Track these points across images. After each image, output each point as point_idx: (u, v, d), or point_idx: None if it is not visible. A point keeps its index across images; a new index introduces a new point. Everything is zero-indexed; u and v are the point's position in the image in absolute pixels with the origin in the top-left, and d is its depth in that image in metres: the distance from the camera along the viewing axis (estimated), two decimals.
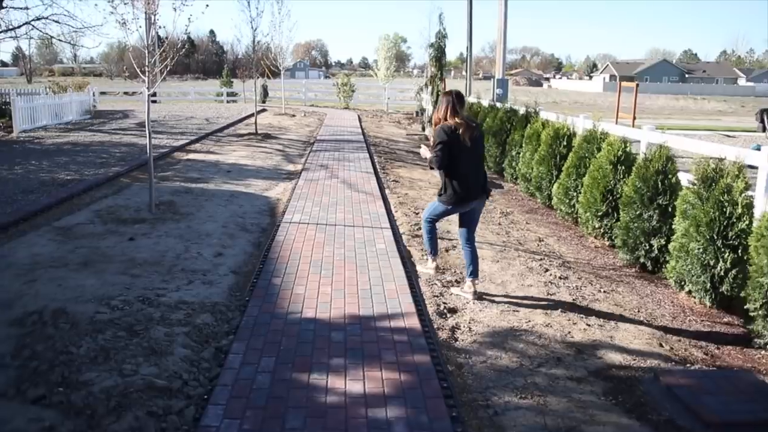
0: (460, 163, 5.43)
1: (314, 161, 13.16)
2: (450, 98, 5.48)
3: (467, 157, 5.43)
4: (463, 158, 5.41)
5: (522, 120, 12.49)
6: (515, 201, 10.95)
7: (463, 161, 5.43)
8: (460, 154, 5.38)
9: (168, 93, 43.83)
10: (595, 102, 59.78)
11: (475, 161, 5.59)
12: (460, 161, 5.41)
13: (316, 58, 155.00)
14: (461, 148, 5.37)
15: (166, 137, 16.57)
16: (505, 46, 19.93)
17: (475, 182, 5.59)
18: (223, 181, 10.71)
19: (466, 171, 5.48)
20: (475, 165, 5.59)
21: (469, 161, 5.48)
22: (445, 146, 5.35)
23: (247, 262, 6.37)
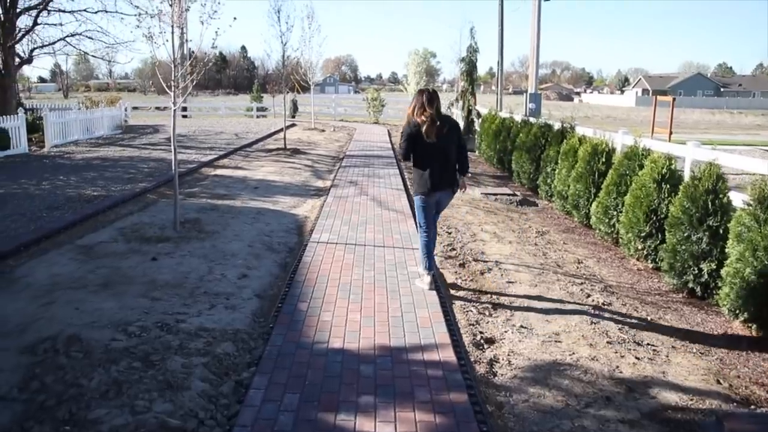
0: (424, 157, 5.88)
1: (343, 177, 12.91)
2: (420, 97, 5.90)
3: (431, 151, 5.84)
4: (427, 152, 5.85)
5: (557, 135, 12.10)
6: (551, 220, 10.53)
7: (426, 155, 5.87)
8: (424, 148, 5.84)
9: (199, 108, 44.17)
10: (628, 116, 58.87)
11: (440, 155, 5.91)
12: (424, 155, 5.88)
13: (346, 73, 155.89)
14: (425, 143, 5.81)
15: (194, 152, 16.50)
16: (538, 61, 19.57)
17: (439, 175, 5.91)
18: (250, 197, 10.49)
19: (429, 164, 5.88)
20: (440, 159, 5.91)
21: (433, 155, 5.86)
22: (409, 139, 5.87)
23: (273, 285, 6.08)
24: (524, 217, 10.53)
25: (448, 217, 9.60)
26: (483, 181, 14.47)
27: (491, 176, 15.48)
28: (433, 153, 5.85)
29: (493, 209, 10.79)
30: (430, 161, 5.87)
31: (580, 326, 5.36)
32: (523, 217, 10.48)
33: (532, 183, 13.12)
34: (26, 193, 10.21)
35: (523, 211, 11.11)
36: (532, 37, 19.30)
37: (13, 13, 18.16)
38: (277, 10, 16.33)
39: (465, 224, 9.18)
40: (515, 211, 10.92)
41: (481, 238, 8.42)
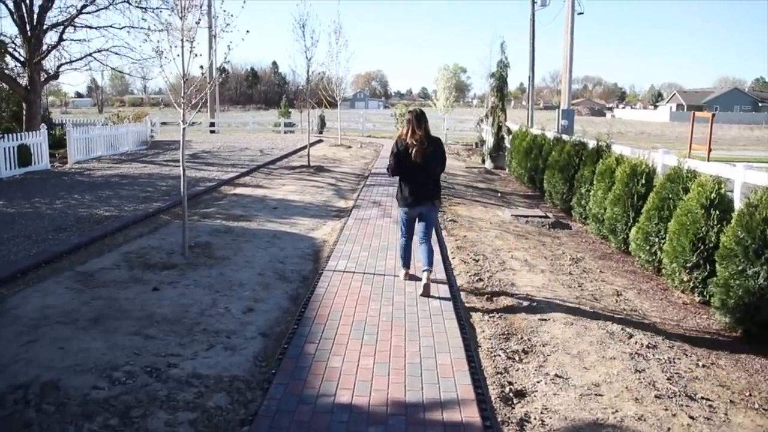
0: (409, 174, 6.47)
1: (367, 197, 12.38)
2: (411, 119, 6.44)
3: (415, 170, 6.39)
4: (412, 170, 6.41)
5: (592, 154, 11.43)
6: (585, 244, 9.86)
7: (411, 173, 6.45)
8: (409, 166, 6.38)
9: (228, 123, 44.22)
10: (663, 132, 57.54)
11: (422, 174, 6.45)
12: (408, 172, 6.46)
13: (376, 89, 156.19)
14: (411, 162, 6.35)
15: (216, 169, 16.15)
16: (571, 76, 18.91)
17: (420, 191, 6.49)
18: (267, 219, 10.01)
19: (413, 181, 6.48)
20: (422, 176, 6.47)
21: (417, 173, 6.43)
22: (396, 158, 6.45)
23: (280, 321, 5.54)
24: (557, 241, 9.88)
25: (476, 242, 8.99)
26: (513, 201, 13.82)
27: (522, 196, 14.83)
28: (417, 171, 6.41)
29: (524, 233, 10.16)
30: (414, 179, 6.47)
31: (624, 375, 4.71)
32: (556, 242, 9.83)
33: (564, 204, 12.46)
34: (36, 213, 9.87)
35: (556, 234, 10.45)
36: (565, 51, 18.65)
37: (39, 29, 18.11)
38: (302, 25, 15.99)
39: (494, 250, 8.56)
40: (547, 235, 10.27)
41: (510, 266, 7.80)
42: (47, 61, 20.32)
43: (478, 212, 11.73)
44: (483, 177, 17.89)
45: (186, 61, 7.06)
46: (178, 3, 6.83)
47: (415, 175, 6.45)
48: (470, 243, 8.85)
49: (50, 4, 17.87)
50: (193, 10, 6.96)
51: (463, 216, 11.07)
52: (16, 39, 18.71)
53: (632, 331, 5.70)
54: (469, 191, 14.39)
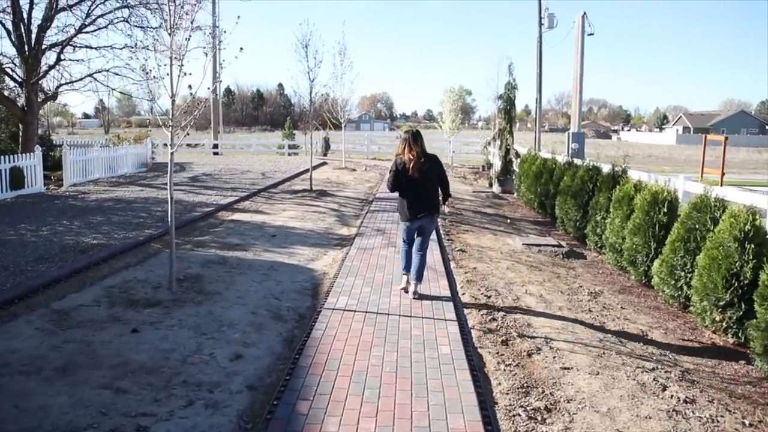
0: (407, 189, 6.90)
1: (370, 224, 11.80)
2: (407, 138, 6.91)
3: (413, 185, 6.86)
4: (410, 185, 6.87)
5: (608, 180, 10.86)
6: (602, 276, 9.26)
7: (410, 188, 6.89)
8: (408, 182, 6.84)
9: (232, 145, 43.89)
10: (670, 155, 57.02)
11: (420, 188, 6.90)
12: (407, 188, 6.89)
13: (382, 111, 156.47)
14: (409, 178, 6.82)
15: (215, 193, 15.61)
16: (581, 99, 18.40)
17: (419, 204, 6.93)
18: (264, 248, 9.43)
19: (411, 195, 6.91)
20: (420, 191, 6.91)
21: (415, 188, 6.88)
22: (395, 175, 6.90)
23: (272, 370, 4.93)
24: (572, 273, 9.28)
25: (487, 274, 8.40)
26: (523, 228, 13.23)
27: (532, 222, 14.24)
28: (415, 186, 6.86)
29: (537, 263, 9.56)
30: (412, 193, 6.89)
31: None
32: (571, 273, 9.24)
33: (578, 232, 11.88)
34: (20, 241, 9.30)
35: (571, 265, 9.85)
36: (575, 73, 18.17)
37: (38, 49, 17.72)
38: (305, 45, 15.53)
39: (506, 284, 7.96)
40: (562, 266, 9.67)
41: (525, 303, 7.19)
42: (48, 82, 19.97)
43: (488, 241, 11.14)
44: (491, 202, 17.32)
45: (175, 81, 6.54)
46: (167, 18, 6.32)
47: (414, 190, 6.88)
48: (481, 276, 8.25)
49: (49, 24, 17.50)
50: (183, 26, 6.43)
51: (472, 245, 10.48)
52: (15, 59, 18.34)
53: (666, 382, 5.09)
54: (477, 217, 13.80)
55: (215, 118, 36.33)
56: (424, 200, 6.92)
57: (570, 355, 5.55)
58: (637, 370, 5.33)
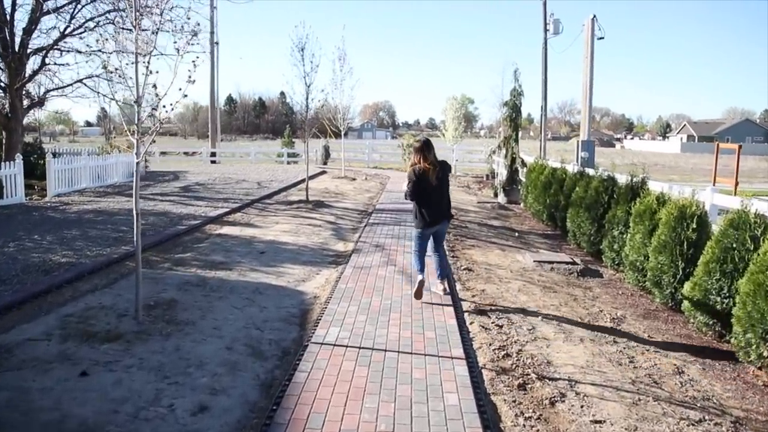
0: (426, 197, 7.08)
1: (369, 238, 10.94)
2: (422, 147, 7.16)
3: (432, 191, 7.09)
4: (428, 192, 7.07)
5: (626, 192, 10.01)
6: (623, 297, 8.40)
7: (428, 195, 7.08)
8: (426, 189, 7.05)
9: (232, 153, 43.12)
10: (677, 164, 56.23)
11: (438, 194, 7.16)
12: (426, 195, 7.08)
13: (384, 119, 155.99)
14: (427, 186, 7.04)
15: (205, 204, 14.75)
16: (591, 104, 17.56)
17: (437, 210, 7.17)
18: (251, 267, 8.57)
19: (431, 203, 7.10)
20: (438, 197, 7.17)
21: (433, 195, 7.11)
22: (415, 184, 7.04)
23: (242, 427, 4.05)
24: (589, 294, 8.42)
25: (497, 298, 7.52)
26: (532, 241, 12.37)
27: (540, 235, 13.38)
28: (432, 193, 7.10)
29: (551, 283, 8.70)
30: (430, 201, 7.11)
31: None
32: (589, 295, 8.37)
33: (592, 247, 11.02)
34: None
35: (587, 284, 9.00)
36: (585, 78, 17.33)
37: (22, 53, 16.94)
38: (301, 48, 14.68)
39: (519, 309, 7.09)
40: (577, 286, 8.82)
41: (542, 333, 6.32)
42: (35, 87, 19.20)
43: (496, 257, 10.28)
44: (497, 213, 16.46)
45: (140, 80, 5.71)
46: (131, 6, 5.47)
47: (431, 198, 7.09)
48: (490, 300, 7.38)
49: (34, 27, 16.73)
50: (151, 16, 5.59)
51: (479, 262, 9.61)
52: None
53: None
54: (483, 231, 12.94)
55: (212, 126, 35.57)
56: (440, 207, 7.19)
57: (600, 404, 4.67)
58: (681, 423, 4.46)
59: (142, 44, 5.50)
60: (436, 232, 7.32)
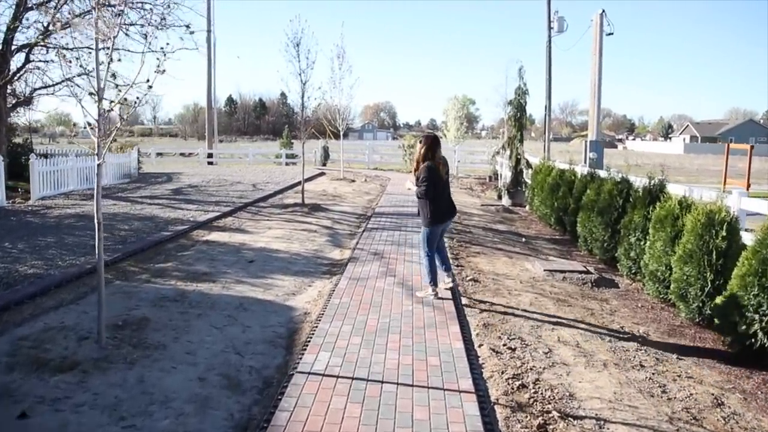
0: (440, 193, 7.11)
1: (367, 245, 10.20)
2: (431, 143, 7.09)
3: (442, 187, 7.15)
4: (440, 188, 7.09)
5: (644, 196, 9.29)
6: (643, 311, 7.69)
7: (440, 190, 7.10)
8: (438, 185, 7.05)
9: (231, 154, 42.36)
10: (682, 164, 55.34)
11: (446, 190, 7.25)
12: (440, 191, 7.11)
13: (384, 120, 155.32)
14: (439, 182, 7.05)
15: (195, 208, 14.01)
16: (600, 103, 16.81)
17: (448, 206, 7.26)
18: (237, 278, 7.83)
19: (441, 199, 7.11)
20: (447, 192, 7.26)
21: (444, 191, 7.20)
22: (431, 181, 6.95)
23: None
24: (607, 307, 7.70)
25: (507, 313, 6.79)
26: (541, 247, 11.65)
27: (548, 240, 12.65)
28: (444, 188, 7.16)
29: (564, 296, 7.98)
30: (444, 196, 7.16)
31: None
32: (606, 308, 7.66)
33: (606, 254, 10.31)
34: None
35: (602, 295, 8.30)
36: (593, 75, 16.60)
37: (6, 49, 16.23)
38: (296, 44, 13.92)
39: (533, 328, 6.35)
40: (593, 298, 8.10)
41: (560, 356, 5.58)
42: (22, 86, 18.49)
43: (503, 265, 9.55)
44: (501, 217, 15.72)
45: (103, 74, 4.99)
46: None
47: (443, 194, 7.15)
48: (500, 318, 6.64)
49: (18, 23, 16.01)
50: None
51: (486, 272, 8.88)
52: None
53: None
54: (489, 236, 12.20)
55: (209, 126, 34.84)
56: (450, 201, 7.29)
57: None
58: None
59: (103, 28, 4.76)
60: (444, 228, 7.41)
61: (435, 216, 7.05)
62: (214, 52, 33.83)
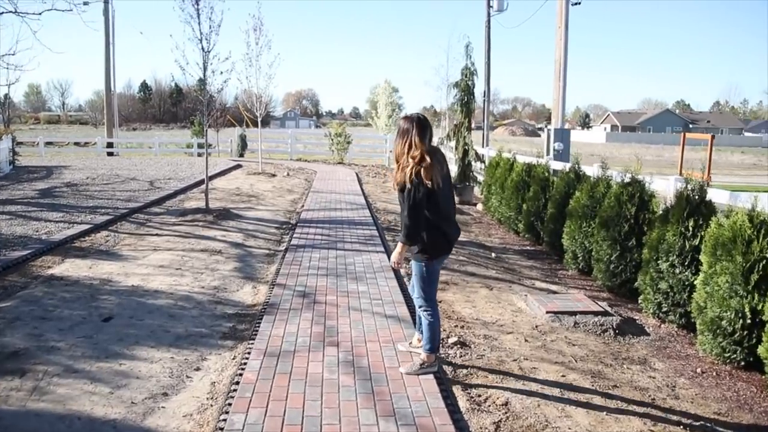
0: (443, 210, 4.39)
1: (292, 276, 7.16)
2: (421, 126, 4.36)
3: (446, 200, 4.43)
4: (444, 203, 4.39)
5: (678, 205, 6.71)
6: (709, 380, 5.19)
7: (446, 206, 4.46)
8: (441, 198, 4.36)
9: (140, 144, 38.05)
10: (612, 154, 54.53)
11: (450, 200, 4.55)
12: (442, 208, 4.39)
13: (307, 108, 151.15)
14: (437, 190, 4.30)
15: (61, 217, 10.47)
16: (565, 85, 14.25)
17: (454, 227, 4.57)
18: (69, 362, 4.58)
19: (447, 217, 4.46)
20: (452, 206, 4.60)
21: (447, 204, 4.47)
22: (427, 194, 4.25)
23: None
24: (658, 378, 5.07)
25: (533, 408, 3.93)
26: (517, 266, 8.98)
27: (521, 253, 10.02)
28: (447, 202, 4.46)
29: (584, 356, 5.32)
30: (448, 214, 4.47)
31: None
32: (659, 382, 5.00)
33: (613, 278, 7.77)
34: None
35: (635, 351, 5.76)
36: (559, 52, 14.01)
37: None
38: (195, 0, 10.52)
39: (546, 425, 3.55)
40: (627, 358, 5.50)
41: None
42: None
43: (486, 303, 6.75)
44: None
45: None
46: None
47: (447, 209, 4.47)
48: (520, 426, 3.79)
49: None
50: None
51: (469, 320, 6.05)
52: None
53: None
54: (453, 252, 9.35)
55: (109, 111, 30.55)
56: (454, 220, 4.64)
57: None
58: None
59: None
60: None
61: (437, 244, 4.38)
62: (112, 26, 29.59)
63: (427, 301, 4.48)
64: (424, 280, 4.44)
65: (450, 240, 4.52)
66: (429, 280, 4.46)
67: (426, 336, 4.47)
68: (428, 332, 4.45)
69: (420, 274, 4.44)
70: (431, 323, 4.44)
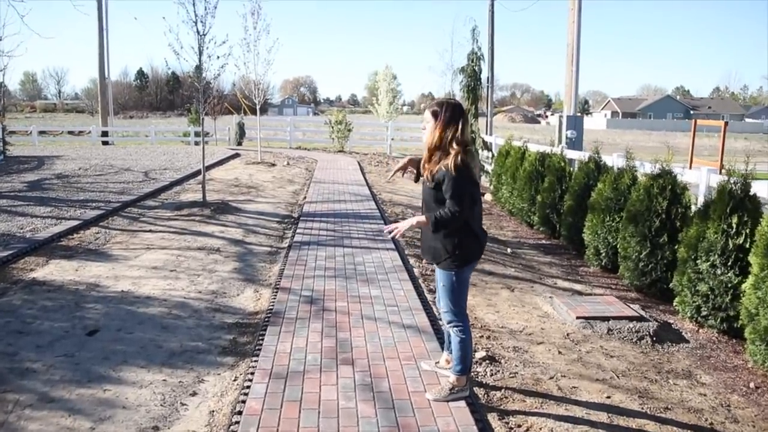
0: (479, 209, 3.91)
1: (297, 278, 6.57)
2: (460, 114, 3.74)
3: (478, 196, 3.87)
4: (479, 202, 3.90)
5: (720, 200, 6.14)
6: (748, 391, 4.67)
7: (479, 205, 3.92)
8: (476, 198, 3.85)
9: (136, 132, 37.35)
10: (614, 141, 53.91)
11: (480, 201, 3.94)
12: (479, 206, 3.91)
13: (305, 95, 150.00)
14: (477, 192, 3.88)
15: (48, 212, 9.85)
16: (578, 70, 13.62)
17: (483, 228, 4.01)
18: (47, 387, 4.01)
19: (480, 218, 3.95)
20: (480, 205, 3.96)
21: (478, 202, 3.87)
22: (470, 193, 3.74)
23: None
24: (692, 387, 4.57)
25: None
26: (535, 262, 8.41)
27: (537, 248, 9.45)
28: (479, 199, 3.87)
29: (624, 370, 4.78)
30: (479, 211, 3.92)
31: None
32: (710, 398, 4.45)
33: (642, 277, 7.21)
34: None
35: (678, 362, 5.23)
36: (571, 36, 13.36)
37: None
38: None
39: None
40: (662, 369, 5.01)
41: None
42: None
43: (510, 308, 6.18)
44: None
45: None
46: None
47: (481, 209, 3.97)
48: None
49: None
50: None
51: (494, 328, 5.47)
52: None
53: None
54: None
55: (103, 99, 29.84)
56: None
57: None
58: None
59: None
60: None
61: (470, 249, 3.84)
62: (105, 11, 28.81)
63: (458, 315, 3.92)
64: (455, 291, 3.89)
65: (482, 244, 3.98)
66: (460, 290, 3.91)
67: (457, 356, 3.91)
68: (459, 351, 3.90)
69: (450, 285, 3.87)
70: (462, 340, 3.88)
